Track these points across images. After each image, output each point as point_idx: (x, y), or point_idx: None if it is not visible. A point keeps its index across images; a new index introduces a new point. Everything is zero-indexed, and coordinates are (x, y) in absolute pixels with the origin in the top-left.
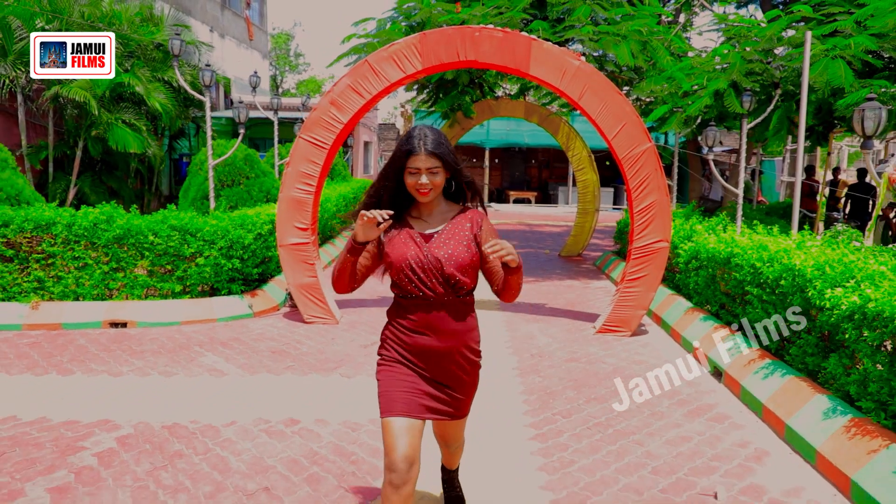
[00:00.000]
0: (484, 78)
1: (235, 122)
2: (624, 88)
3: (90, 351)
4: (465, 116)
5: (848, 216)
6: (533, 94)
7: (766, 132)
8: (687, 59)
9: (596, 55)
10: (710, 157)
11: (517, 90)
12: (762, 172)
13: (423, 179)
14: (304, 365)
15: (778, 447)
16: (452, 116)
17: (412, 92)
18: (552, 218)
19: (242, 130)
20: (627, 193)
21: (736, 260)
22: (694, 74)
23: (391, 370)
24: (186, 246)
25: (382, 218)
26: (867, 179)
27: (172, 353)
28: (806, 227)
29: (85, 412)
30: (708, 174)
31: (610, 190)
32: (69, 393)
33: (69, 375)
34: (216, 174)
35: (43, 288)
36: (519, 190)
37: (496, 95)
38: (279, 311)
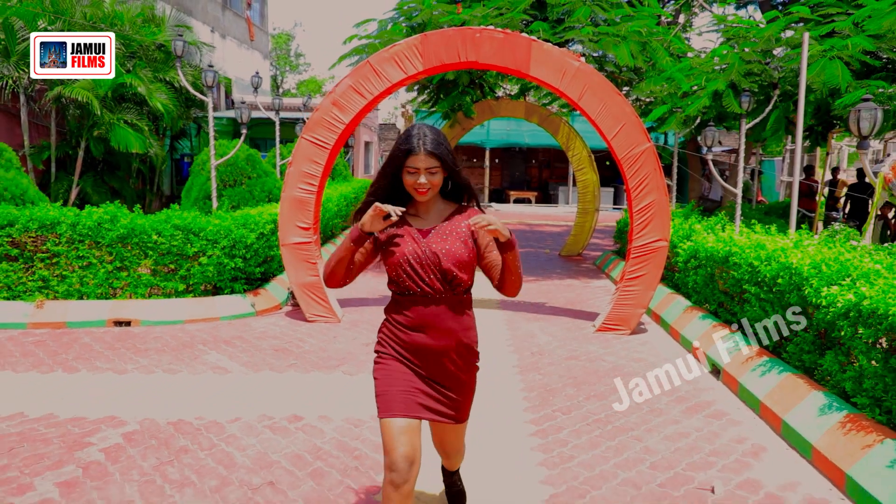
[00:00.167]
0: (484, 78)
1: (236, 122)
2: (624, 89)
3: (95, 349)
4: (465, 117)
5: (847, 216)
6: (533, 94)
7: (763, 132)
8: (686, 59)
9: (596, 56)
10: (708, 157)
11: (517, 91)
12: (762, 172)
13: (421, 179)
14: (306, 363)
15: (775, 443)
16: (453, 117)
17: (413, 92)
18: (552, 218)
19: (244, 131)
20: (627, 193)
21: (734, 259)
22: (693, 75)
23: (388, 369)
24: (190, 245)
25: (397, 214)
26: (866, 179)
27: (176, 351)
28: (804, 226)
29: (91, 409)
30: (707, 174)
31: (610, 190)
32: (75, 390)
33: (75, 373)
34: (218, 174)
35: (47, 287)
36: (519, 190)
37: (496, 96)
38: (281, 309)
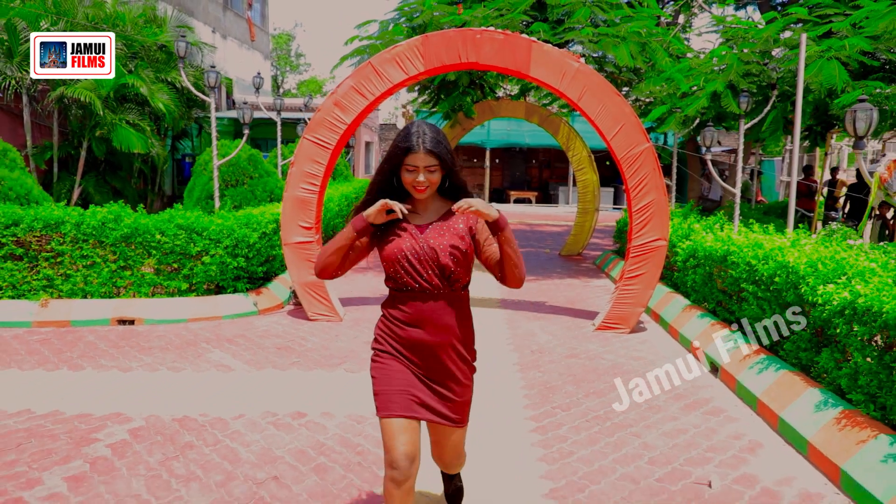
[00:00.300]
0: (485, 79)
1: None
2: (623, 89)
3: (99, 347)
4: (466, 117)
5: (847, 216)
6: (533, 94)
7: (762, 133)
8: (685, 60)
9: (595, 56)
10: (707, 157)
11: (518, 91)
12: (761, 173)
13: (420, 177)
14: (309, 361)
15: (771, 439)
16: (454, 117)
17: (414, 93)
18: (552, 217)
19: (247, 131)
20: (626, 193)
21: (732, 258)
22: (692, 75)
23: (385, 368)
24: (193, 245)
25: (403, 212)
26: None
27: (180, 349)
28: (801, 226)
29: (97, 405)
30: (707, 174)
31: (610, 190)
32: (81, 387)
33: (80, 371)
34: (220, 174)
35: (52, 286)
36: (519, 190)
37: (497, 96)
38: (283, 308)
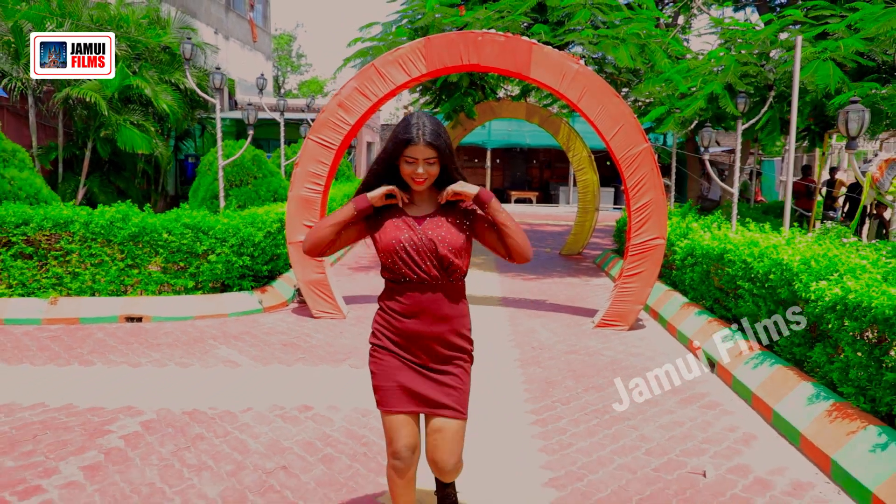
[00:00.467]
0: (486, 80)
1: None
2: (623, 90)
3: (108, 344)
4: (467, 117)
5: (846, 216)
6: (534, 95)
7: (760, 133)
8: (684, 61)
9: (595, 57)
10: (705, 157)
11: (519, 92)
12: (760, 173)
13: (419, 169)
14: (314, 357)
15: (765, 431)
16: (455, 118)
17: (416, 94)
18: (553, 217)
19: (251, 132)
20: (625, 192)
21: (729, 256)
22: (690, 76)
23: (383, 364)
24: (199, 243)
25: (404, 202)
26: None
27: (187, 345)
28: (796, 224)
29: (108, 399)
30: (706, 174)
31: (610, 190)
32: (92, 382)
33: (90, 366)
34: (225, 174)
35: (61, 284)
36: (520, 190)
37: (498, 97)
38: (288, 306)
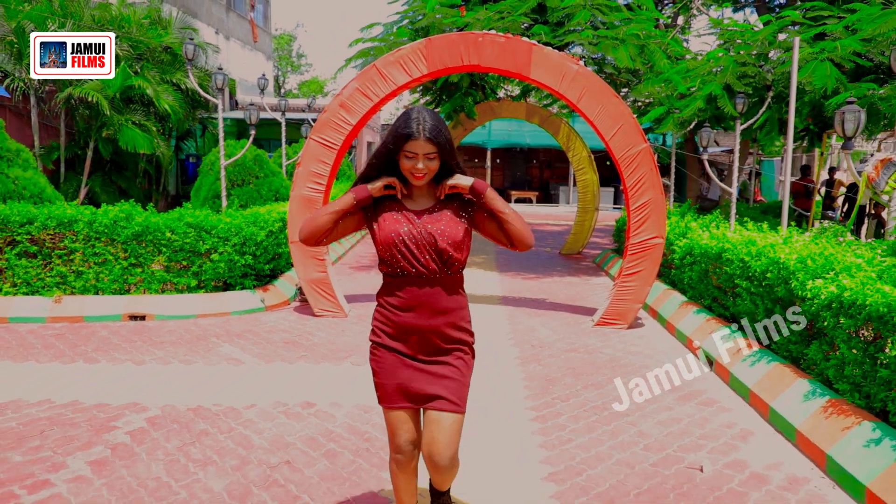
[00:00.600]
0: (486, 80)
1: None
2: (622, 91)
3: (112, 342)
4: (467, 118)
5: (845, 216)
6: (534, 95)
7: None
8: (683, 62)
9: (595, 58)
10: (704, 157)
11: (519, 92)
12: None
13: (419, 164)
14: (316, 354)
15: (762, 428)
16: (455, 118)
17: (417, 94)
18: (553, 217)
19: (253, 132)
20: (624, 192)
21: (727, 255)
22: (689, 77)
23: (382, 361)
24: (202, 242)
25: (402, 193)
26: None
27: (190, 343)
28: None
29: (114, 396)
30: (706, 174)
31: (610, 190)
32: (97, 379)
33: (95, 364)
34: (226, 174)
35: (65, 282)
36: (520, 190)
37: (498, 97)
38: (289, 305)
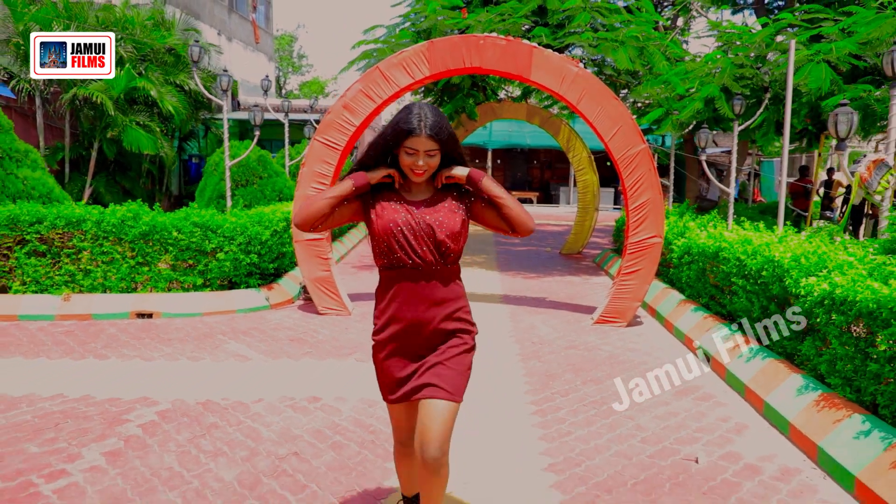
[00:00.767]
0: (487, 82)
1: (242, 123)
2: (622, 92)
3: (121, 339)
4: (469, 119)
5: (843, 216)
6: (534, 97)
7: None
8: (682, 63)
9: (595, 60)
10: (702, 157)
11: (519, 93)
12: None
13: (420, 161)
14: (321, 351)
15: (756, 421)
16: (457, 119)
17: (419, 95)
18: (553, 217)
19: (257, 133)
20: (623, 192)
21: (723, 254)
22: (688, 78)
23: (384, 357)
24: (208, 242)
25: (399, 182)
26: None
27: (198, 340)
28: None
29: (124, 391)
30: (704, 175)
31: (610, 190)
32: (108, 374)
33: (105, 360)
34: (230, 174)
35: (73, 281)
36: (521, 190)
37: (499, 98)
38: (294, 303)
